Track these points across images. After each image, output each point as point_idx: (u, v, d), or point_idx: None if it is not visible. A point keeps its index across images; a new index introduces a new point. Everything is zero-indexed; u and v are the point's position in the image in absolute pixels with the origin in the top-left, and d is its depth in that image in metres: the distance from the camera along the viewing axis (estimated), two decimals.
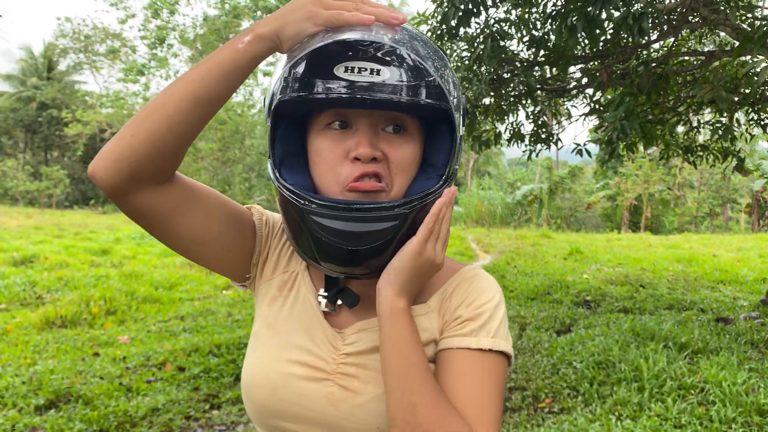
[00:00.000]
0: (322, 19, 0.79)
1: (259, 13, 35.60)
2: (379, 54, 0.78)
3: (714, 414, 3.59)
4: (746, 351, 4.92)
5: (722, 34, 6.83)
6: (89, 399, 3.98)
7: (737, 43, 4.86)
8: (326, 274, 0.93)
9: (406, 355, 0.83)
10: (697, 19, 5.42)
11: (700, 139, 8.21)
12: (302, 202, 0.82)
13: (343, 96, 0.77)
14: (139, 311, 6.86)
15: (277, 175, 0.87)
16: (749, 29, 4.90)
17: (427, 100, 0.79)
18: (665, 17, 5.47)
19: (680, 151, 7.37)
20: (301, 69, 0.79)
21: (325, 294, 0.95)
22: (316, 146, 0.87)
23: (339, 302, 0.96)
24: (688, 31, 6.72)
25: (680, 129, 7.88)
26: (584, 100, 7.52)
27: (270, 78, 0.91)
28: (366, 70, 0.77)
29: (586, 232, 26.80)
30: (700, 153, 7.28)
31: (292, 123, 0.91)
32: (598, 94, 6.98)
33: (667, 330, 5.38)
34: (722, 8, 5.02)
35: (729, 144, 6.82)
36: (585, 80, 6.71)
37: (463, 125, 0.91)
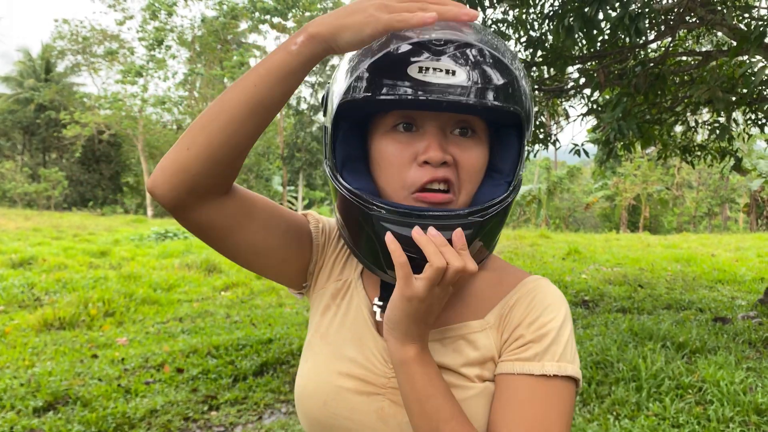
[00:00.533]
0: (382, 24, 0.72)
1: (257, 14, 35.67)
2: (455, 53, 0.75)
3: (712, 413, 3.59)
4: (744, 350, 4.93)
5: (719, 34, 6.85)
6: (88, 401, 3.98)
7: (734, 43, 4.87)
8: (389, 282, 0.88)
9: (423, 405, 0.78)
10: (694, 20, 5.44)
11: (698, 138, 8.22)
12: (370, 207, 0.79)
13: (420, 98, 0.74)
14: (138, 313, 6.86)
15: (340, 178, 0.83)
16: (746, 29, 4.91)
17: (503, 103, 0.76)
18: (662, 17, 5.48)
19: (678, 151, 7.39)
20: (370, 69, 0.76)
21: (381, 303, 0.90)
22: (381, 149, 0.83)
23: None
24: (685, 31, 6.73)
25: (678, 129, 7.89)
26: (582, 101, 7.53)
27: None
28: (441, 70, 0.74)
29: (585, 232, 26.81)
30: (698, 153, 7.30)
31: (352, 126, 0.87)
32: (596, 95, 6.99)
33: (665, 330, 5.39)
34: (719, 8, 5.03)
35: (727, 144, 6.83)
36: (582, 80, 6.72)
37: (530, 132, 0.86)
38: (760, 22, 4.35)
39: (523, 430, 0.78)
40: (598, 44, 5.83)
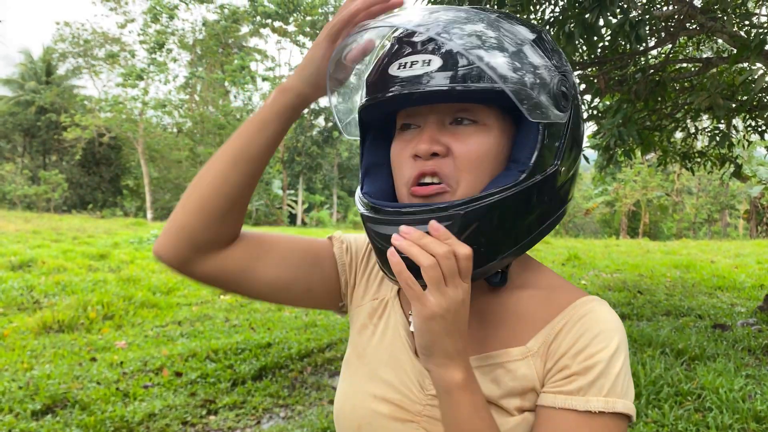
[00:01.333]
0: (333, 27, 0.80)
1: (258, 18, 35.74)
2: (424, 42, 0.75)
3: (711, 420, 3.59)
4: (743, 357, 4.93)
5: (719, 41, 6.86)
6: (86, 404, 3.97)
7: (734, 51, 4.88)
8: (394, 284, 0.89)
9: None
10: (694, 27, 5.45)
11: (698, 145, 8.23)
12: (360, 209, 0.82)
13: (396, 94, 0.74)
14: (137, 316, 6.85)
15: (359, 186, 0.86)
16: (746, 37, 4.93)
17: (476, 83, 0.71)
18: (663, 24, 5.49)
19: (678, 158, 7.39)
20: (369, 77, 0.82)
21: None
22: (391, 151, 0.84)
23: None
24: (686, 38, 6.75)
25: (678, 135, 7.90)
26: (582, 107, 7.53)
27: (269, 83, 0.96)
28: (417, 62, 0.73)
29: (585, 238, 26.81)
30: (698, 159, 7.31)
31: (378, 134, 0.90)
32: (596, 101, 7.00)
33: (665, 336, 5.39)
34: (719, 16, 5.04)
35: (727, 150, 6.84)
36: (583, 87, 6.73)
37: (563, 110, 0.76)
38: (760, 30, 4.36)
39: None
40: (599, 50, 5.84)
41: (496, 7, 5.34)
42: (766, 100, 5.67)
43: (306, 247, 0.94)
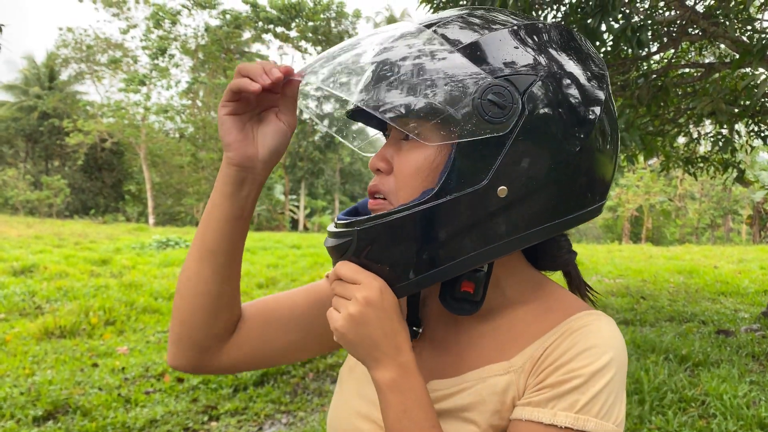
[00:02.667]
0: (225, 97, 0.76)
1: (260, 23, 35.86)
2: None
3: (715, 427, 3.57)
4: (747, 363, 4.91)
5: (722, 46, 6.86)
6: (87, 410, 3.96)
7: (737, 56, 4.88)
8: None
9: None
10: (696, 32, 5.45)
11: (701, 150, 8.22)
12: None
13: (348, 109, 0.82)
14: (139, 321, 6.84)
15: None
16: (748, 42, 4.92)
17: (373, 110, 0.69)
18: (665, 29, 5.49)
19: (681, 163, 7.39)
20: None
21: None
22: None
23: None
24: (688, 43, 6.75)
25: (681, 140, 7.90)
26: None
27: None
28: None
29: (587, 243, 26.78)
30: (701, 164, 7.30)
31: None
32: None
33: (668, 342, 5.36)
34: (722, 21, 5.04)
35: (729, 155, 6.83)
36: None
37: (495, 122, 0.67)
38: (762, 35, 4.36)
39: None
40: (601, 55, 5.84)
41: None
42: None
43: (306, 298, 0.92)
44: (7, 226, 21.38)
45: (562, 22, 4.87)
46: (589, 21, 4.25)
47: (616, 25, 4.41)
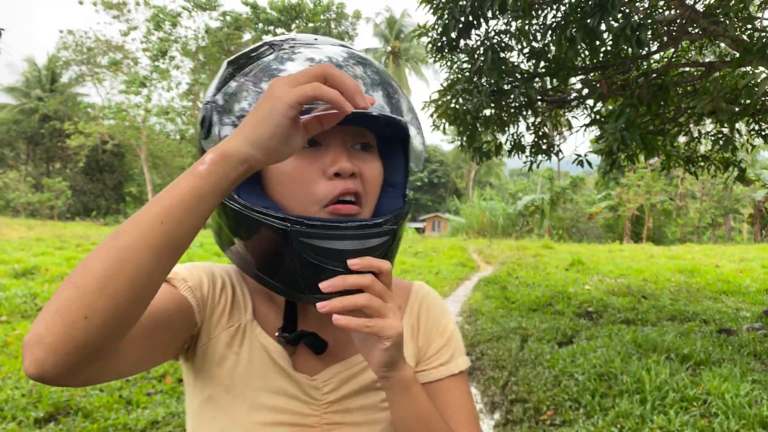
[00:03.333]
0: (304, 97, 0.63)
1: (260, 24, 35.89)
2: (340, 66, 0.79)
3: (717, 426, 3.56)
4: (749, 362, 4.90)
5: (722, 45, 6.86)
6: (89, 412, 3.96)
7: (737, 54, 4.87)
8: (308, 303, 0.82)
9: (428, 422, 0.81)
10: (696, 31, 5.45)
11: (702, 149, 8.22)
12: (289, 225, 0.73)
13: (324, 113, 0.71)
14: None
15: (238, 198, 0.77)
16: (749, 40, 4.92)
17: (400, 116, 0.80)
18: (665, 28, 5.49)
19: (681, 162, 7.38)
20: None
21: (286, 335, 0.85)
22: (282, 166, 0.77)
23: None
24: (688, 42, 6.74)
25: (681, 139, 7.89)
26: (585, 111, 7.54)
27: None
28: None
29: (588, 243, 26.78)
30: (702, 163, 7.29)
31: None
32: (599, 105, 7.00)
33: (670, 341, 5.36)
34: (722, 20, 5.04)
35: (730, 154, 6.82)
36: (585, 91, 6.73)
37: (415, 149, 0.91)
38: (763, 34, 4.36)
39: (463, 419, 0.89)
40: (601, 55, 5.84)
41: (498, 13, 5.35)
42: None
43: (154, 313, 0.76)
44: (9, 229, 21.41)
45: (562, 22, 4.88)
46: (589, 20, 4.26)
47: (616, 25, 4.41)
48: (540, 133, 7.39)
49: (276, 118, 0.63)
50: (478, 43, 5.82)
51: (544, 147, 7.35)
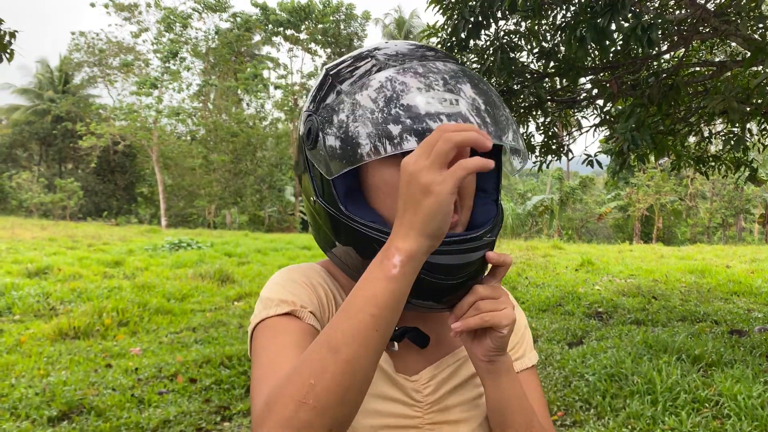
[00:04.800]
0: (459, 176, 0.66)
1: (270, 26, 35.98)
2: (447, 81, 0.78)
3: (729, 428, 3.55)
4: (761, 364, 4.87)
5: (733, 44, 6.82)
6: (101, 411, 4.00)
7: (748, 54, 4.84)
8: (414, 310, 0.85)
9: (522, 401, 0.87)
10: (707, 30, 5.42)
11: (712, 149, 8.17)
12: None
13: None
14: (152, 322, 6.89)
15: (353, 216, 0.81)
16: (760, 39, 4.89)
17: (516, 144, 0.82)
18: (675, 28, 5.47)
19: (692, 162, 7.34)
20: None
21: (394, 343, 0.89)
22: (386, 176, 0.80)
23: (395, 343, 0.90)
24: (699, 41, 6.71)
25: (692, 139, 7.84)
26: (595, 111, 7.52)
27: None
28: (446, 100, 0.76)
29: (598, 243, 26.64)
30: (712, 163, 7.24)
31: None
32: (609, 105, 6.98)
33: (681, 342, 5.33)
34: (733, 19, 5.01)
35: (741, 154, 6.78)
36: (595, 91, 6.71)
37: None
38: None
39: (542, 410, 0.95)
40: (611, 55, 5.82)
41: (507, 13, 5.35)
42: None
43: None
44: (22, 229, 21.60)
45: (572, 22, 4.87)
46: (599, 20, 4.25)
47: (626, 24, 4.39)
48: (550, 134, 7.37)
49: (445, 209, 0.66)
50: (488, 43, 5.82)
51: (553, 147, 7.33)
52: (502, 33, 5.76)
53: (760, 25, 5.45)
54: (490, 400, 0.87)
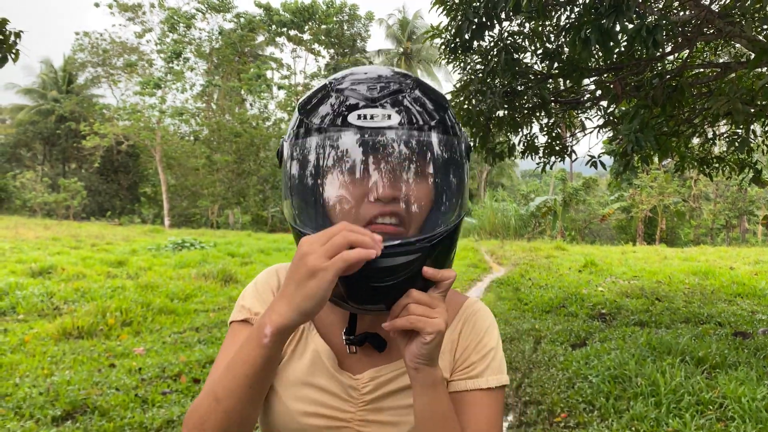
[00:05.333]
0: (344, 263, 0.76)
1: (273, 26, 36.01)
2: (387, 101, 0.85)
3: (733, 430, 3.54)
4: (765, 366, 4.85)
5: (738, 45, 6.80)
6: (105, 410, 4.01)
7: (753, 55, 4.83)
8: (354, 312, 0.94)
9: (447, 420, 0.88)
10: (712, 31, 5.41)
11: (716, 150, 8.15)
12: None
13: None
14: (155, 322, 6.90)
15: (296, 221, 0.90)
16: (765, 41, 4.88)
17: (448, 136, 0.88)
18: (680, 29, 5.46)
19: (696, 163, 7.32)
20: (321, 120, 0.86)
21: (351, 337, 0.96)
22: (338, 189, 0.87)
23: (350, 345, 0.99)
24: (703, 42, 6.69)
25: (696, 141, 7.83)
26: (598, 113, 7.51)
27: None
28: (377, 116, 0.84)
29: (601, 245, 26.61)
30: (716, 165, 7.23)
31: None
32: (613, 106, 6.97)
33: (684, 344, 5.32)
34: (738, 20, 5.00)
35: (745, 156, 6.77)
36: (599, 92, 6.70)
37: (468, 161, 0.96)
38: None
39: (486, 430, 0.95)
40: (615, 56, 5.81)
41: (511, 14, 5.34)
42: None
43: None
44: (26, 228, 21.64)
45: (576, 23, 4.86)
46: (603, 21, 4.24)
47: (631, 26, 4.38)
48: (553, 135, 7.36)
49: (322, 293, 0.76)
50: (492, 44, 5.81)
51: (557, 148, 7.32)
52: (506, 34, 5.76)
53: (765, 27, 5.44)
54: (415, 410, 0.89)
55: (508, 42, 5.63)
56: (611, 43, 4.43)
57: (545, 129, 7.34)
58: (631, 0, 4.08)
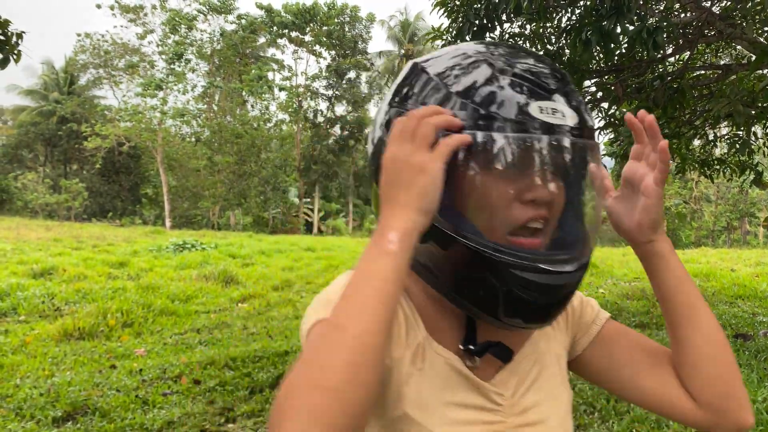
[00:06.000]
0: (449, 147, 0.72)
1: (275, 28, 36.05)
2: (561, 95, 0.77)
3: None
4: (766, 368, 4.85)
5: (739, 47, 6.80)
6: (106, 411, 4.01)
7: (754, 57, 4.83)
8: (502, 328, 0.83)
9: (687, 283, 0.90)
10: (713, 33, 5.41)
11: (717, 152, 8.15)
12: (500, 255, 0.74)
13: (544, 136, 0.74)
14: (156, 324, 6.91)
15: (444, 222, 0.77)
16: (766, 43, 4.88)
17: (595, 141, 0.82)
18: (681, 31, 5.46)
19: (697, 165, 7.32)
20: (498, 109, 0.74)
21: (472, 347, 0.85)
22: (480, 183, 0.76)
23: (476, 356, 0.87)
24: (704, 44, 6.70)
25: (697, 143, 7.83)
26: (599, 114, 7.51)
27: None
28: (558, 111, 0.75)
29: (602, 246, 26.57)
30: (717, 166, 7.23)
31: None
32: (614, 108, 6.97)
33: None
34: (738, 22, 5.01)
35: (746, 157, 6.76)
36: (600, 94, 6.70)
37: None
38: None
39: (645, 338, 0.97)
40: (616, 58, 5.82)
41: (512, 16, 5.35)
42: None
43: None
44: (27, 229, 21.67)
45: (577, 25, 4.87)
46: (604, 23, 4.25)
47: (632, 28, 4.39)
48: None
49: (436, 186, 0.71)
50: None
51: None
52: (507, 36, 5.76)
53: (766, 29, 5.45)
54: (659, 283, 0.89)
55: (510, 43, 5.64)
56: (612, 45, 4.44)
57: None
58: (632, 2, 4.09)
